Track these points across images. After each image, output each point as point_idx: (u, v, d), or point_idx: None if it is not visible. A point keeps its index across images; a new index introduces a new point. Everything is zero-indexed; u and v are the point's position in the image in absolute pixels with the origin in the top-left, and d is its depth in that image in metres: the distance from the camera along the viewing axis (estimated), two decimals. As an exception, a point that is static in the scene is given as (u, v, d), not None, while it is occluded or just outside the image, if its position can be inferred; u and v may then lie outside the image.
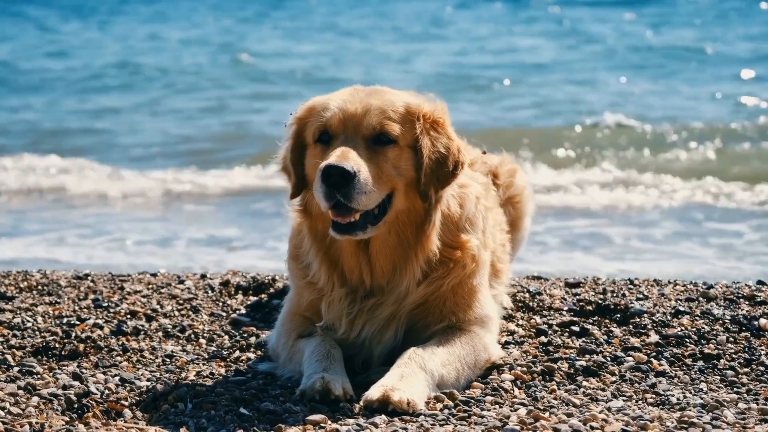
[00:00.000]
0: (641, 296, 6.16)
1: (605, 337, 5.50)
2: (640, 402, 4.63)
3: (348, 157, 4.56)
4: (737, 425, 4.26)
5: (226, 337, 5.77)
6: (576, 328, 5.62)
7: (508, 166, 6.31)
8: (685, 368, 5.09)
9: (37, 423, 4.23)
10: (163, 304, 6.35)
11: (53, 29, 32.07)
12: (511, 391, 4.76)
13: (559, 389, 4.79)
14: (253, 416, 4.39)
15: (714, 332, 5.49)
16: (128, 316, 6.08)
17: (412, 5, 35.05)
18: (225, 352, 5.50)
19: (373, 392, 4.43)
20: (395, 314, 4.92)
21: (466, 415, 4.39)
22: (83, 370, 5.04)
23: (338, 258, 4.92)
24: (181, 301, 6.44)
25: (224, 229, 12.60)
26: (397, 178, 4.74)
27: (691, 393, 4.72)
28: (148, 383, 4.88)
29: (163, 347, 5.54)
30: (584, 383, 4.88)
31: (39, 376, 4.92)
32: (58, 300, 6.43)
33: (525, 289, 6.36)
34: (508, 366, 5.03)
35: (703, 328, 5.55)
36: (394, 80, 20.10)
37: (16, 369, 5.02)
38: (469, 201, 5.06)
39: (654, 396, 4.69)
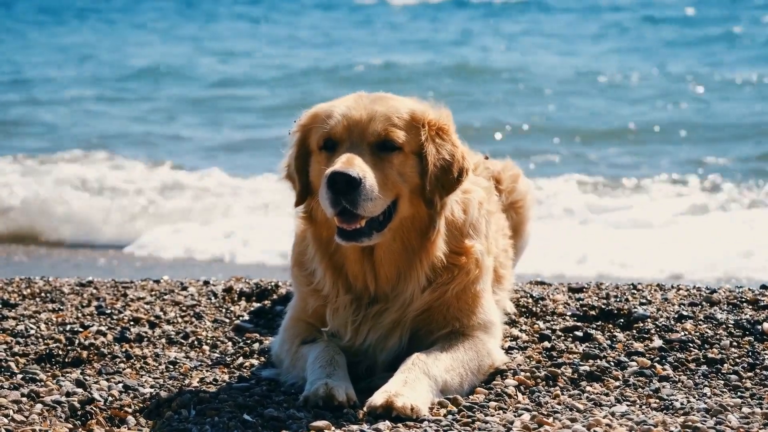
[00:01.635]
0: (644, 301, 6.15)
1: (609, 342, 5.49)
2: (643, 407, 4.62)
3: (354, 164, 4.56)
4: (741, 429, 4.25)
5: (230, 343, 5.77)
6: (579, 333, 5.62)
7: (510, 171, 6.31)
8: (688, 373, 5.08)
9: (40, 430, 4.24)
10: (166, 311, 6.35)
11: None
12: (515, 397, 4.75)
13: (562, 394, 4.79)
14: (257, 422, 4.39)
15: (717, 337, 5.49)
16: (131, 323, 6.08)
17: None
18: (228, 359, 5.50)
19: (377, 398, 4.42)
20: (399, 321, 4.92)
21: (469, 420, 4.38)
22: (87, 377, 5.03)
23: (343, 265, 4.92)
24: (184, 308, 6.44)
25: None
26: (402, 185, 4.74)
27: (694, 397, 4.72)
28: (152, 390, 4.88)
29: (167, 354, 5.54)
30: (588, 388, 4.88)
31: (42, 383, 4.92)
32: (62, 307, 6.43)
33: (528, 294, 6.36)
34: (512, 371, 5.03)
35: (706, 332, 5.55)
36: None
37: (19, 376, 5.02)
38: (472, 207, 5.06)
39: (658, 401, 4.69)
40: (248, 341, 5.79)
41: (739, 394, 4.78)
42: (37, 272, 8.35)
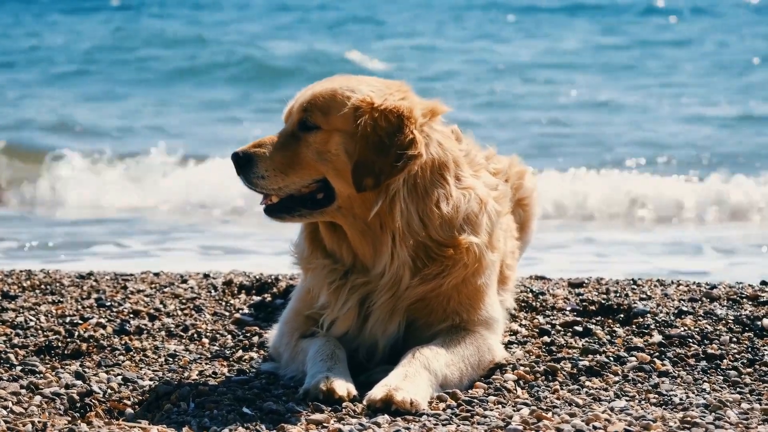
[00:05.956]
0: (644, 296, 6.15)
1: (608, 337, 5.49)
2: (643, 402, 4.62)
3: (251, 144, 4.84)
4: (740, 425, 4.25)
5: (229, 336, 5.78)
6: (579, 328, 5.61)
7: (516, 168, 6.27)
8: (688, 368, 5.08)
9: (39, 422, 4.23)
10: (166, 304, 6.35)
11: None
12: (514, 391, 4.75)
13: (562, 389, 4.79)
14: (256, 416, 4.39)
15: (717, 332, 5.49)
16: (131, 316, 6.08)
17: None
18: (228, 352, 5.50)
19: (376, 392, 4.42)
20: (394, 305, 4.90)
21: (468, 414, 4.38)
22: (86, 370, 5.04)
23: (322, 239, 5.00)
24: (184, 301, 6.44)
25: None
26: (321, 164, 4.80)
27: (694, 393, 4.72)
28: (151, 382, 4.88)
29: (166, 346, 5.54)
30: (587, 383, 4.88)
31: (41, 375, 4.92)
32: (61, 299, 6.43)
33: (528, 289, 6.36)
34: (511, 366, 5.03)
35: (706, 328, 5.54)
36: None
37: (18, 368, 5.02)
38: (465, 201, 4.95)
39: (657, 396, 4.69)
40: (248, 334, 5.79)
41: (738, 389, 4.79)
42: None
